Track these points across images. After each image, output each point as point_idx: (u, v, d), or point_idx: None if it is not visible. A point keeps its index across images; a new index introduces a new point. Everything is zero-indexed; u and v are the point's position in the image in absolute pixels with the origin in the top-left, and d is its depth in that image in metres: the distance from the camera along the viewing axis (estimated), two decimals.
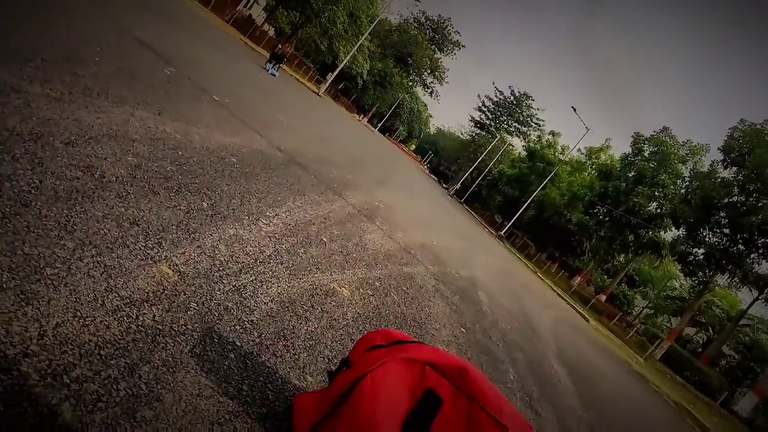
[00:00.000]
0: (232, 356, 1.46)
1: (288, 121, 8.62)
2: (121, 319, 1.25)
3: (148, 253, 1.60)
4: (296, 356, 1.72)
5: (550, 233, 42.36)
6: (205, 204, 2.36)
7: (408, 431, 1.38)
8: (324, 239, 3.33)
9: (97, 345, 1.13)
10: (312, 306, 2.20)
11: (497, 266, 13.20)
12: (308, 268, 2.60)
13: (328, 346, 1.96)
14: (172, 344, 1.31)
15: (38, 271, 1.20)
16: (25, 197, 1.42)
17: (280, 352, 1.66)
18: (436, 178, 78.78)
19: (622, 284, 44.28)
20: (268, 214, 2.94)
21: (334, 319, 2.25)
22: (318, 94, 33.80)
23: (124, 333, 1.22)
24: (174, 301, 1.48)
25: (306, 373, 1.67)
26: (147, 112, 3.03)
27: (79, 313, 1.17)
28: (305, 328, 1.96)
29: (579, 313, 22.63)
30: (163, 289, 1.50)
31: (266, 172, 3.85)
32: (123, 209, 1.74)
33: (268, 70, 18.61)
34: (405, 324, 2.98)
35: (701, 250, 32.05)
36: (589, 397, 5.21)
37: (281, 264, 2.38)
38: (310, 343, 1.88)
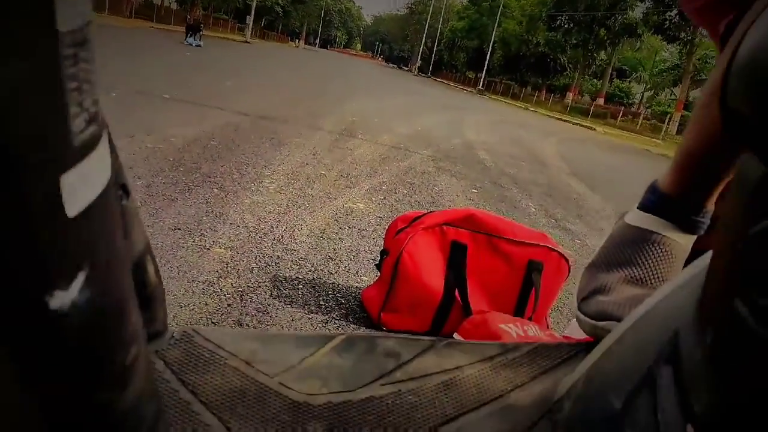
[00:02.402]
0: (301, 286, 1.84)
1: (236, 83, 8.66)
2: (211, 295, 1.63)
3: (200, 245, 1.96)
4: (347, 268, 2.10)
5: (524, 65, 41.61)
6: (215, 190, 2.68)
7: (450, 278, 1.76)
8: (322, 172, 3.65)
9: (207, 317, 1.50)
10: (340, 228, 2.57)
11: (487, 120, 13.40)
12: (322, 200, 2.95)
13: (368, 250, 2.34)
14: (256, 296, 1.69)
15: None
16: None
17: (334, 270, 2.05)
18: (395, 66, 76.79)
19: (614, 80, 44.02)
20: (266, 174, 3.25)
21: (363, 230, 2.62)
22: (246, 41, 32.63)
23: (219, 302, 1.60)
24: (238, 269, 1.85)
25: (360, 276, 2.06)
26: (123, 140, 3.28)
27: (182, 304, 1.54)
28: (343, 245, 2.34)
29: (583, 126, 22.92)
30: (226, 264, 1.86)
31: (244, 138, 4.11)
32: (161, 222, 2.08)
33: (192, 44, 18.05)
34: (422, 208, 3.35)
35: (674, 12, 31.22)
36: (613, 196, 5.59)
37: (299, 207, 2.73)
38: (353, 254, 2.26)
